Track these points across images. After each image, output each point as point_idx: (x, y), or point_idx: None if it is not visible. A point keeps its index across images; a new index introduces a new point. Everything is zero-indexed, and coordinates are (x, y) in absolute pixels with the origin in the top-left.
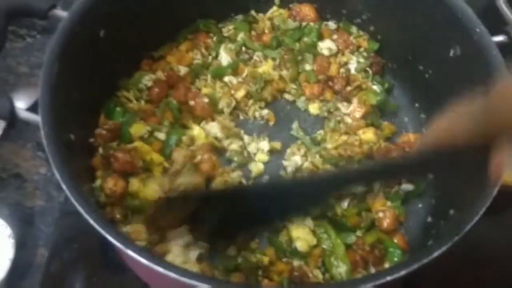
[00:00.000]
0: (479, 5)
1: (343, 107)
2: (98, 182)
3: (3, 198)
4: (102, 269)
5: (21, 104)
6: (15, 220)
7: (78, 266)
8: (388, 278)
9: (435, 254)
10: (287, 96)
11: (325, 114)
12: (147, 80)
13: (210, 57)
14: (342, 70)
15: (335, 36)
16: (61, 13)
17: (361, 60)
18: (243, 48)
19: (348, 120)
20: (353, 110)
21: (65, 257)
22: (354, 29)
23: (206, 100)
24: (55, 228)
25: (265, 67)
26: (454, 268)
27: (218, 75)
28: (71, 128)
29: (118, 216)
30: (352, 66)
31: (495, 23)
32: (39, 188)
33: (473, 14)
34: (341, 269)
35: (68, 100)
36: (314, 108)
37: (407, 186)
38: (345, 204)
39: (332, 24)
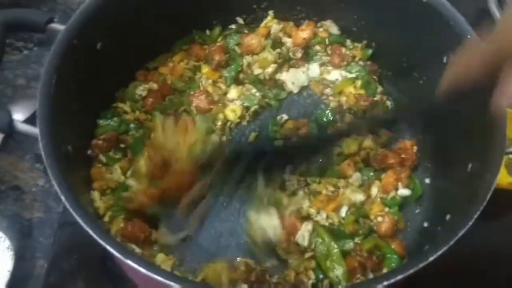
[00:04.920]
0: (472, 10)
1: None
2: (95, 194)
3: (2, 210)
4: (102, 280)
5: (19, 116)
6: (14, 232)
7: (77, 277)
8: (385, 283)
9: (430, 259)
10: None
11: None
12: (141, 90)
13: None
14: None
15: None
16: (58, 26)
17: (359, 68)
18: None
19: None
20: None
21: (64, 268)
22: (348, 42)
23: None
24: (54, 240)
25: None
26: (454, 270)
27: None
28: (69, 139)
29: (115, 227)
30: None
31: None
32: (38, 200)
33: (464, 21)
34: (337, 271)
35: (66, 112)
36: None
37: (404, 191)
38: (343, 212)
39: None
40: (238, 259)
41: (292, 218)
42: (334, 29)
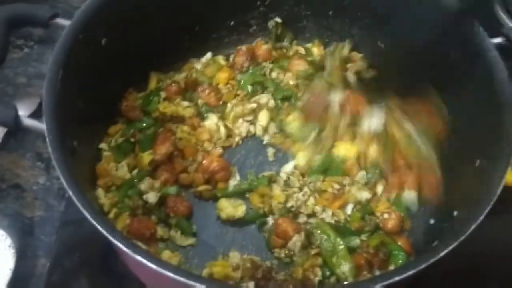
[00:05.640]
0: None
1: None
2: (100, 191)
3: (3, 208)
4: (104, 278)
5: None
6: (15, 230)
7: (79, 275)
8: (396, 278)
9: (442, 253)
10: None
11: None
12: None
13: None
14: None
15: None
16: (63, 21)
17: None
18: None
19: None
20: None
21: (66, 266)
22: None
23: None
24: (55, 238)
25: None
26: (458, 269)
27: None
28: (75, 135)
29: (120, 223)
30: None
31: (492, 26)
32: (39, 198)
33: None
34: (344, 268)
35: (72, 107)
36: None
37: (409, 193)
38: (349, 209)
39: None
40: (245, 256)
41: (283, 225)
42: None
